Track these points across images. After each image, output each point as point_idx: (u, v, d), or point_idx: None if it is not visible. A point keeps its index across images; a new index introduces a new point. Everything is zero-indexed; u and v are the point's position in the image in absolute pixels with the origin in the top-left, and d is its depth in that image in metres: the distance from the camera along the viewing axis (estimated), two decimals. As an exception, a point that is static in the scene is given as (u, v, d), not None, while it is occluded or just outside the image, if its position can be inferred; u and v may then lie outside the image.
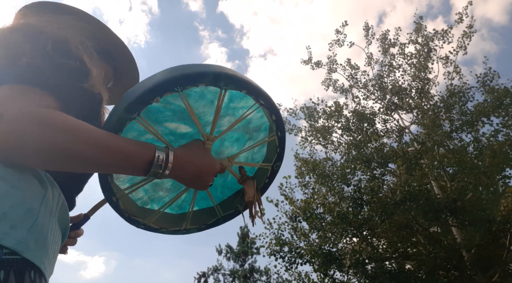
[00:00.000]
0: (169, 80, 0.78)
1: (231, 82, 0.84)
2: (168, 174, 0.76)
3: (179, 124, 0.92)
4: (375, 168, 9.64)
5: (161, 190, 1.03)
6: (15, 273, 0.57)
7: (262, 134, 1.04)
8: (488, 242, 8.72)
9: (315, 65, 12.70)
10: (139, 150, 0.73)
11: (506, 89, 10.26)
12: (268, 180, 1.10)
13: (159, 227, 1.04)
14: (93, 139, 0.66)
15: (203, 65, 0.83)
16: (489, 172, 8.69)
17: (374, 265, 8.54)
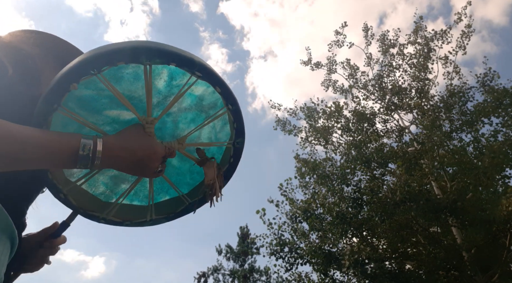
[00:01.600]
0: (82, 62, 0.72)
1: (154, 56, 0.76)
2: (100, 164, 0.71)
3: (120, 111, 0.84)
4: (375, 168, 9.64)
5: (123, 183, 0.97)
6: None
7: (218, 109, 0.93)
8: (488, 242, 8.73)
9: (314, 66, 12.70)
10: (61, 140, 0.67)
11: (505, 89, 10.26)
12: (233, 159, 1.00)
13: (122, 220, 0.99)
14: (5, 133, 0.61)
15: (120, 43, 0.76)
16: (489, 172, 8.69)
17: (374, 265, 8.54)
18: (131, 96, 0.82)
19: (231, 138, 0.98)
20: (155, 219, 1.03)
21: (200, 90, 0.88)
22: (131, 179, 0.98)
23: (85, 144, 0.68)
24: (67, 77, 0.73)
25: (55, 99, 0.75)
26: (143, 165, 0.76)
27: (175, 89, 0.85)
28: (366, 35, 12.71)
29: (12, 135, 0.62)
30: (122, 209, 1.00)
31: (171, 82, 0.84)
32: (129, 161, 0.75)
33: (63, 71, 0.73)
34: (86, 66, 0.73)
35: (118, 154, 0.73)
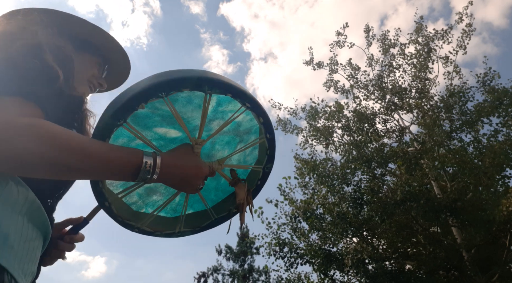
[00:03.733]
0: (153, 86, 0.79)
1: (215, 86, 0.85)
2: (156, 179, 0.77)
3: (168, 129, 0.93)
4: (375, 168, 9.64)
5: (155, 194, 1.04)
6: None
7: (253, 137, 1.04)
8: (488, 242, 8.72)
9: (316, 66, 12.69)
10: (126, 157, 0.73)
11: (505, 89, 10.26)
12: (260, 182, 1.10)
13: (153, 230, 1.05)
14: (75, 147, 0.66)
15: (187, 71, 0.84)
16: (489, 172, 8.69)
17: (375, 265, 8.54)
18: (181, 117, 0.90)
19: (261, 163, 1.08)
20: (182, 232, 1.10)
21: (241, 117, 0.98)
22: (163, 192, 1.05)
23: (147, 161, 0.74)
24: (138, 97, 0.79)
25: (123, 116, 0.81)
26: (189, 182, 0.83)
27: (219, 114, 0.94)
28: (367, 36, 12.71)
29: (82, 148, 0.67)
30: (156, 220, 1.07)
31: (218, 107, 0.93)
32: (179, 178, 0.81)
33: (135, 91, 0.79)
34: (157, 89, 0.80)
35: (171, 171, 0.79)
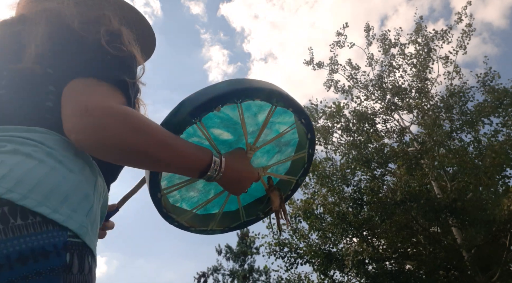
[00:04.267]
0: (234, 91, 0.84)
1: (282, 100, 0.92)
2: (217, 180, 0.81)
3: (222, 131, 0.97)
4: (375, 168, 9.63)
5: (193, 191, 1.08)
6: (77, 257, 0.58)
7: (290, 149, 1.11)
8: (488, 242, 8.72)
9: (316, 66, 12.68)
10: (200, 154, 0.76)
11: (506, 89, 10.25)
12: (291, 192, 1.17)
13: (189, 225, 1.09)
14: (164, 140, 0.69)
15: (259, 82, 0.90)
16: (489, 172, 8.69)
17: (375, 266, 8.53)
18: (236, 122, 0.95)
19: (293, 174, 1.15)
20: (213, 230, 1.14)
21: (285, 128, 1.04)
22: (201, 189, 1.08)
23: (215, 162, 0.78)
24: (218, 99, 0.83)
25: (200, 115, 0.84)
26: (242, 185, 0.87)
27: (269, 124, 1.00)
28: (367, 35, 12.70)
29: (167, 141, 0.70)
30: (193, 216, 1.11)
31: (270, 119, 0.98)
32: (235, 180, 0.85)
33: (217, 93, 0.83)
34: (236, 95, 0.85)
35: (231, 173, 0.82)
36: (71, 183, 0.61)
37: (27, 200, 0.54)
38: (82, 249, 0.59)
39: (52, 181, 0.58)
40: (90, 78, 0.68)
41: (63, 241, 0.56)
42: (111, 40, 0.75)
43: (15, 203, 0.54)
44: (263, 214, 1.17)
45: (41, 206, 0.55)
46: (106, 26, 0.78)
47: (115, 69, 0.72)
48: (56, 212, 0.56)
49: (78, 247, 0.58)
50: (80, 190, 0.63)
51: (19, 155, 0.59)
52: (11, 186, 0.55)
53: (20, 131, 0.64)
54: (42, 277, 0.52)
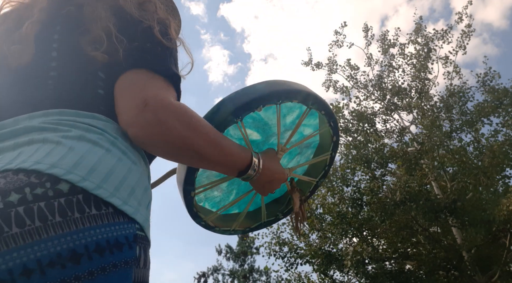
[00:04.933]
0: (274, 92, 0.85)
1: (316, 103, 0.94)
2: (253, 179, 0.81)
3: (252, 131, 0.97)
4: (375, 169, 9.63)
5: (217, 190, 1.08)
6: (143, 251, 0.57)
7: (310, 151, 1.13)
8: (488, 242, 8.72)
9: (315, 66, 12.66)
10: (243, 153, 0.76)
11: (506, 89, 10.25)
12: (310, 193, 1.19)
13: (215, 225, 1.10)
14: (215, 139, 0.69)
15: (297, 84, 0.91)
16: (489, 172, 8.69)
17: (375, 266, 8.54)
18: (266, 123, 0.96)
19: (311, 175, 1.16)
20: (235, 230, 1.16)
21: (310, 131, 1.07)
22: (224, 189, 1.09)
23: (255, 162, 0.79)
24: (261, 99, 0.84)
25: (242, 114, 0.85)
26: (272, 185, 0.87)
27: (292, 125, 1.00)
28: (366, 35, 12.70)
29: (217, 140, 0.69)
30: (219, 216, 1.11)
31: (296, 119, 1.00)
32: (267, 181, 0.84)
33: (260, 93, 0.84)
34: (277, 96, 0.86)
35: (265, 173, 0.82)
36: (136, 175, 0.60)
37: (100, 190, 0.53)
38: (146, 242, 0.58)
39: (121, 171, 0.57)
40: (145, 70, 0.66)
41: (133, 234, 0.55)
42: (163, 30, 0.73)
43: (89, 192, 0.52)
44: (282, 214, 1.18)
45: (113, 196, 0.54)
46: (155, 14, 0.75)
47: (167, 61, 0.70)
48: (126, 204, 0.55)
49: (143, 240, 0.57)
50: (143, 182, 0.62)
51: (86, 142, 0.57)
52: (84, 174, 0.53)
53: (83, 117, 0.62)
54: (118, 269, 0.51)
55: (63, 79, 0.67)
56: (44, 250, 0.45)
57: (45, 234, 0.46)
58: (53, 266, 0.45)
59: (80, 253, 0.48)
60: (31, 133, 0.57)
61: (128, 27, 0.71)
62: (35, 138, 0.56)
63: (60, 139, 0.56)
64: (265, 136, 1.00)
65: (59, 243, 0.47)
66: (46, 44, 0.69)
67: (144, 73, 0.66)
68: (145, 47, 0.68)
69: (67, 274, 0.46)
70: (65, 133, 0.57)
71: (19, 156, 0.53)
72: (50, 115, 0.61)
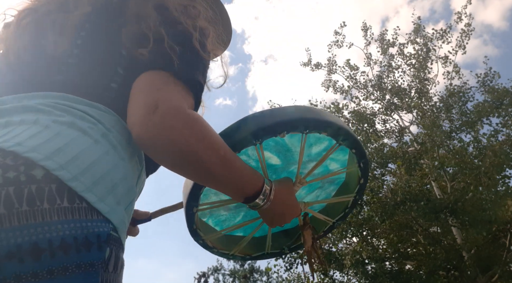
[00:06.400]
0: (302, 120, 0.79)
1: (348, 139, 0.86)
2: (261, 209, 0.74)
3: (272, 155, 0.91)
4: (375, 168, 9.64)
5: (224, 209, 1.01)
6: (115, 253, 0.52)
7: (332, 187, 1.05)
8: (488, 242, 8.72)
9: (314, 66, 12.65)
10: (254, 178, 0.71)
11: (506, 89, 10.25)
12: (324, 233, 1.11)
13: (213, 246, 1.03)
14: (225, 156, 0.64)
15: (331, 115, 0.85)
16: (489, 173, 8.68)
17: (375, 266, 8.54)
18: (289, 149, 0.89)
19: (329, 215, 1.07)
20: (234, 255, 1.08)
21: (336, 167, 0.99)
22: (232, 209, 1.02)
23: (265, 190, 0.72)
24: (286, 125, 0.78)
25: (262, 137, 0.78)
26: (283, 219, 0.80)
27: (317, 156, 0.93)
28: (365, 35, 12.70)
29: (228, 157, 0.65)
30: (220, 238, 1.04)
31: (323, 151, 0.92)
32: (278, 213, 0.77)
33: (287, 118, 0.77)
34: (303, 124, 0.79)
35: (277, 205, 0.75)
36: (121, 172, 0.57)
37: (76, 182, 0.49)
38: (119, 245, 0.54)
39: (104, 166, 0.54)
40: (167, 73, 0.63)
41: (107, 233, 0.50)
42: (200, 39, 0.70)
43: (64, 182, 0.48)
44: (288, 249, 1.10)
45: (88, 191, 0.50)
46: (197, 20, 0.72)
47: (194, 69, 0.67)
48: (101, 201, 0.51)
49: (116, 242, 0.53)
50: (127, 181, 0.58)
51: (75, 130, 0.55)
52: (63, 162, 0.49)
53: (82, 104, 0.60)
54: (81, 271, 0.46)
55: (80, 67, 0.66)
56: (3, 240, 0.42)
57: (7, 222, 0.43)
58: (10, 259, 0.42)
59: (42, 248, 0.44)
60: (25, 113, 0.55)
61: (167, 27, 0.68)
62: (27, 119, 0.54)
63: (50, 123, 0.54)
64: (286, 162, 0.93)
65: (20, 234, 0.43)
66: (77, 31, 0.68)
67: (166, 75, 0.63)
68: (175, 50, 0.65)
69: (23, 270, 0.42)
70: (57, 118, 0.55)
71: (6, 135, 0.51)
72: (50, 97, 0.59)
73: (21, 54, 0.69)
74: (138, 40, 0.66)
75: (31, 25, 0.71)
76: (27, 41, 0.70)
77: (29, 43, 0.69)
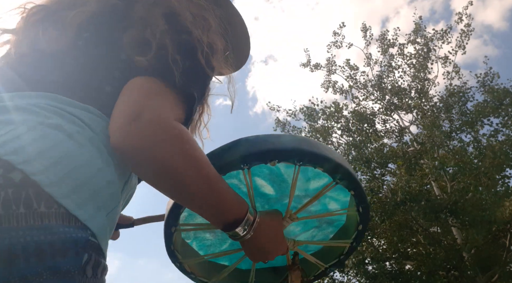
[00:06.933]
0: (296, 151, 0.74)
1: (346, 179, 0.80)
2: (242, 240, 0.68)
3: (266, 184, 0.86)
4: (375, 169, 9.65)
5: (210, 233, 0.95)
6: (94, 259, 0.51)
7: (331, 229, 0.98)
8: (488, 242, 8.73)
9: (314, 67, 12.65)
10: (235, 204, 0.65)
11: (506, 89, 10.26)
12: (314, 278, 1.03)
13: (191, 271, 0.96)
14: (208, 177, 0.60)
15: (331, 151, 0.79)
16: (489, 173, 8.69)
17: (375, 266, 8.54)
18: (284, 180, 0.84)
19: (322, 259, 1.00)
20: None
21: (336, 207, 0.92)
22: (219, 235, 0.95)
23: (248, 219, 0.67)
24: (278, 153, 0.73)
25: (251, 162, 0.74)
26: (265, 255, 0.74)
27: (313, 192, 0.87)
28: (364, 35, 12.70)
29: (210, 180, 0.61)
30: (199, 263, 0.98)
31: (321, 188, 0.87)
32: (259, 248, 0.72)
33: (279, 147, 0.73)
34: (297, 156, 0.74)
35: (259, 238, 0.70)
36: (104, 177, 0.55)
37: (55, 188, 0.48)
38: (98, 251, 0.52)
39: (86, 171, 0.52)
40: (161, 82, 0.61)
41: (85, 239, 0.49)
42: (206, 53, 0.67)
43: (42, 187, 0.47)
44: None
45: (67, 198, 0.49)
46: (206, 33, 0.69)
47: (191, 81, 0.64)
48: (80, 208, 0.50)
49: (95, 249, 0.51)
50: (110, 187, 0.56)
51: (61, 133, 0.53)
52: (43, 166, 0.48)
53: (73, 106, 0.58)
54: (56, 278, 0.45)
55: (76, 68, 0.65)
56: None
57: None
58: None
59: (15, 254, 0.42)
60: (15, 113, 0.54)
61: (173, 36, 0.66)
62: (15, 119, 0.53)
63: (37, 124, 0.53)
64: (280, 193, 0.87)
65: None
66: (79, 31, 0.67)
67: (159, 84, 0.61)
68: (177, 60, 0.63)
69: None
70: (44, 119, 0.54)
71: None
72: (43, 98, 0.58)
73: (23, 50, 0.68)
74: (139, 46, 0.64)
75: (39, 22, 0.70)
76: (31, 38, 0.69)
77: (32, 40, 0.69)
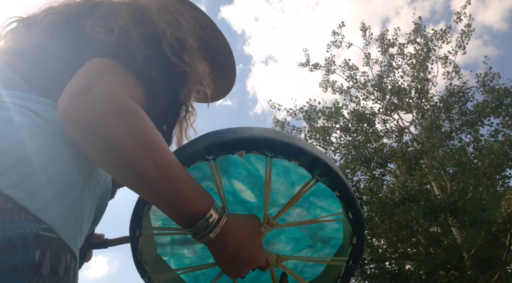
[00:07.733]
0: (265, 140, 0.67)
1: (328, 176, 0.70)
2: (208, 240, 0.60)
3: (246, 189, 0.78)
4: (375, 168, 9.66)
5: (188, 249, 0.85)
6: (51, 255, 0.48)
7: (328, 250, 0.85)
8: (488, 242, 8.74)
9: (313, 67, 12.65)
10: (197, 198, 0.59)
11: (506, 89, 10.26)
12: None
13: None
14: (163, 161, 0.55)
15: (306, 143, 0.71)
16: (489, 173, 8.70)
17: (374, 266, 8.56)
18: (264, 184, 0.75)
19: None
20: None
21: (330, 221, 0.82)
22: (198, 251, 0.85)
23: (212, 215, 0.59)
24: (244, 143, 0.67)
25: (216, 153, 0.69)
26: (237, 265, 0.64)
27: (306, 204, 0.80)
28: (364, 35, 12.71)
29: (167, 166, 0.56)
30: (173, 279, 0.86)
31: (310, 196, 0.78)
32: (229, 253, 0.62)
33: (245, 135, 0.68)
34: (268, 146, 0.68)
35: (228, 241, 0.62)
36: (57, 167, 0.53)
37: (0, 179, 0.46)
38: (58, 246, 0.49)
39: (36, 161, 0.50)
40: (116, 62, 0.60)
41: (35, 234, 0.46)
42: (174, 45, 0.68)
43: None
44: None
45: (14, 188, 0.46)
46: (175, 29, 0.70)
47: (151, 65, 0.63)
48: (31, 198, 0.47)
49: (52, 243, 0.48)
50: (67, 176, 0.54)
51: (10, 126, 0.52)
52: None
53: (26, 100, 0.57)
54: (2, 276, 0.43)
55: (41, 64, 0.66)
56: None
57: None
58: None
59: None
60: None
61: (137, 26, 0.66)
62: None
63: None
64: (263, 201, 0.76)
65: None
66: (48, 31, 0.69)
67: (116, 65, 0.60)
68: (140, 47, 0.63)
69: None
70: None
71: None
72: None
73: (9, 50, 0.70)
74: (102, 32, 0.64)
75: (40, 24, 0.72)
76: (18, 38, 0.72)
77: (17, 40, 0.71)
